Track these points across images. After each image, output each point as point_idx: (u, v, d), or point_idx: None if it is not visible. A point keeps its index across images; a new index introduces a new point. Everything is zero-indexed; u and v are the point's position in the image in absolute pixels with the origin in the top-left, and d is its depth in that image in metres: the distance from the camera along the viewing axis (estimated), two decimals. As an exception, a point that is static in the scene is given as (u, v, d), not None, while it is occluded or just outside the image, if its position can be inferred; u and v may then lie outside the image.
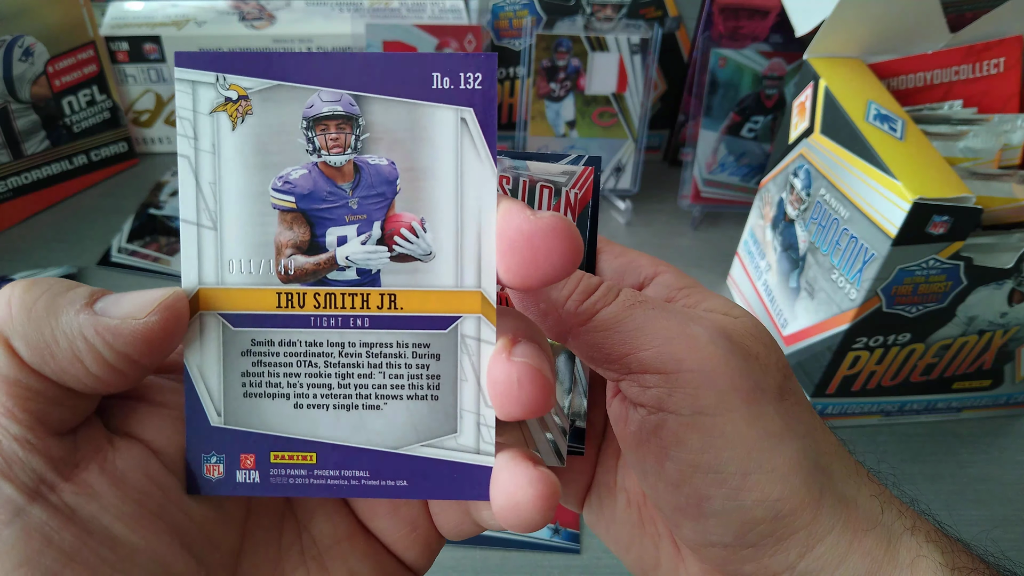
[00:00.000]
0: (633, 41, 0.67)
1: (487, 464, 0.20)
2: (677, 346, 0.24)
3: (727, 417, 0.24)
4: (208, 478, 0.20)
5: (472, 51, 0.70)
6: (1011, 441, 0.55)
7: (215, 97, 0.20)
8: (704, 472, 0.24)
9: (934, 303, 0.46)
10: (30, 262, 0.62)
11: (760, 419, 0.24)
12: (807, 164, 0.50)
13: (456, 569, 0.45)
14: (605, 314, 0.25)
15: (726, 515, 0.24)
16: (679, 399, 0.24)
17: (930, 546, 0.24)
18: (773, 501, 0.24)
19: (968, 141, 0.48)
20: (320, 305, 0.20)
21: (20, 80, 0.63)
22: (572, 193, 0.28)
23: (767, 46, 0.66)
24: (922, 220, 0.41)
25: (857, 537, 0.24)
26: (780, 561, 0.24)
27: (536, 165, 0.28)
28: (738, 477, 0.24)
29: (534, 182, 0.28)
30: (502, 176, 0.27)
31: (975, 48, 0.50)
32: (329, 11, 0.74)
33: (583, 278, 0.26)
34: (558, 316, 0.26)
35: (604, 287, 0.26)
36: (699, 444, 0.24)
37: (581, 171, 0.28)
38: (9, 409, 0.18)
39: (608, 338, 0.25)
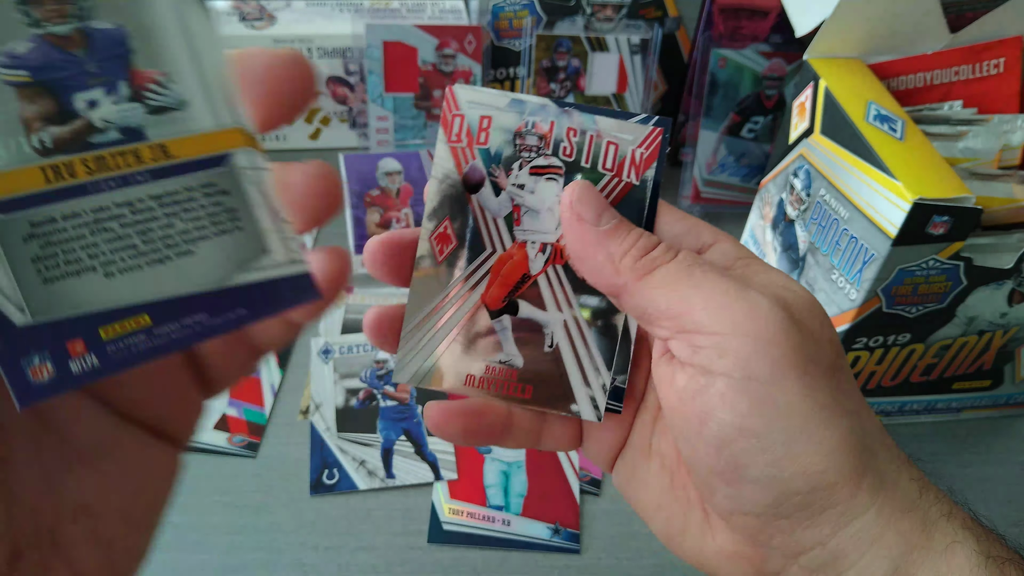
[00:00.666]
0: (633, 41, 0.67)
1: (303, 271, 0.21)
2: (735, 310, 0.24)
3: (779, 386, 0.23)
4: (39, 383, 0.18)
5: (472, 51, 0.70)
6: (1011, 441, 0.55)
7: None
8: (748, 437, 0.24)
9: (934, 303, 0.46)
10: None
11: (812, 392, 0.24)
12: (807, 164, 0.50)
13: (455, 569, 0.45)
14: (663, 271, 0.25)
15: (764, 483, 0.24)
16: (730, 362, 0.24)
17: (966, 533, 0.24)
18: (814, 474, 0.24)
19: (968, 141, 0.48)
20: (93, 170, 0.20)
21: (20, 80, 0.63)
22: (638, 152, 0.28)
23: (767, 46, 0.66)
24: (922, 220, 0.41)
25: (894, 518, 0.24)
26: (812, 535, 0.24)
27: (604, 121, 0.28)
28: (782, 446, 0.24)
29: (601, 138, 0.28)
30: (570, 128, 0.28)
31: (975, 48, 0.50)
32: (329, 11, 0.74)
33: (643, 235, 0.26)
34: (615, 269, 0.26)
35: (663, 246, 0.26)
36: (747, 409, 0.24)
37: (649, 131, 0.28)
38: None
39: (664, 296, 0.25)
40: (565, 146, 0.28)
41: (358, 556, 0.45)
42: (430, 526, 0.47)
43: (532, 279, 0.29)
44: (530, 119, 0.28)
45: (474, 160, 0.28)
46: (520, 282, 0.29)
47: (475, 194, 0.29)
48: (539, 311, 0.29)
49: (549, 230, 0.29)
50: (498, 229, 0.29)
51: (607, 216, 0.27)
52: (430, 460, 0.51)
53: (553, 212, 0.29)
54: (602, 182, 0.28)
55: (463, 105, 0.28)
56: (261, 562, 0.45)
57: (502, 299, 0.29)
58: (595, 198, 0.27)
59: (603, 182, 0.28)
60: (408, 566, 0.45)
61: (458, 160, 0.28)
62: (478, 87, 0.28)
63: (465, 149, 0.28)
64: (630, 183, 0.28)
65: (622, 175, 0.28)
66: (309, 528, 0.46)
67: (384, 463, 0.51)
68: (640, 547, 0.46)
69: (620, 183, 0.28)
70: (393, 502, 0.48)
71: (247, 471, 0.49)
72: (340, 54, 0.72)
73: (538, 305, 0.29)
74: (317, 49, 0.72)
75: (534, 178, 0.28)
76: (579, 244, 0.27)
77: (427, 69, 0.70)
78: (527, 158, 0.28)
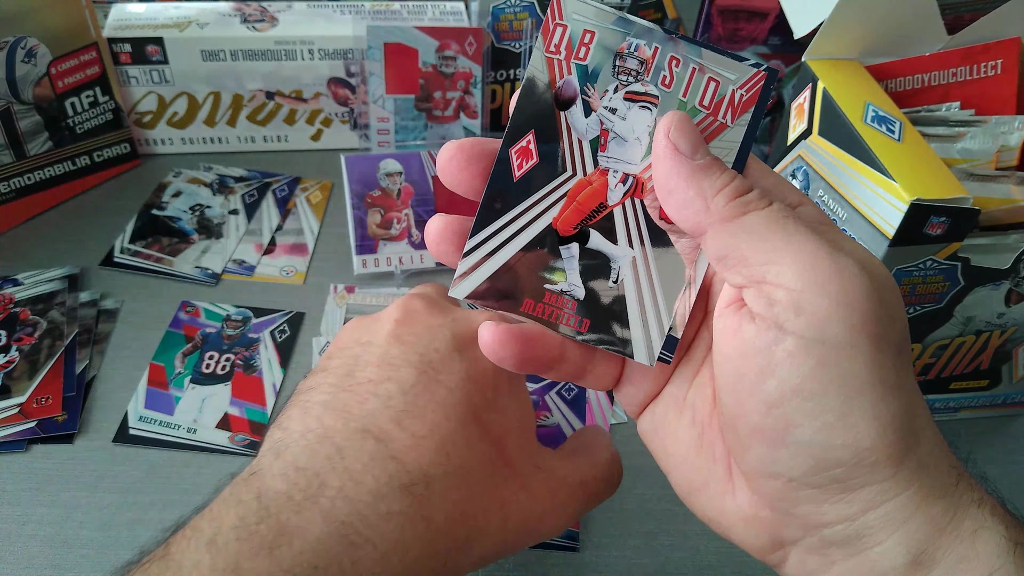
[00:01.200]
0: (633, 43, 0.67)
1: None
2: (822, 269, 0.23)
3: (850, 353, 0.23)
4: None
5: (472, 53, 0.70)
6: (1009, 441, 0.55)
7: None
8: (804, 399, 0.23)
9: (931, 303, 0.46)
10: (32, 262, 0.62)
11: (880, 365, 0.23)
12: (805, 165, 0.50)
13: (456, 568, 0.45)
14: (755, 217, 0.25)
15: (807, 448, 0.24)
16: (806, 321, 0.23)
17: (995, 519, 0.24)
18: (861, 448, 0.23)
19: (966, 142, 0.48)
20: None
21: (23, 81, 0.63)
22: (738, 93, 0.27)
23: (765, 48, 0.67)
24: (920, 221, 0.41)
25: (927, 503, 0.24)
26: (840, 510, 0.24)
27: (710, 56, 0.27)
28: (837, 414, 0.23)
29: (703, 73, 0.27)
30: (673, 57, 0.27)
31: (973, 50, 0.51)
32: (331, 13, 0.74)
33: (737, 176, 0.26)
34: (705, 206, 0.25)
35: (757, 191, 0.25)
36: (811, 370, 0.23)
37: (752, 73, 0.27)
38: None
39: (751, 242, 0.24)
40: (665, 75, 0.27)
41: (359, 554, 0.45)
42: (430, 525, 0.47)
43: (608, 209, 0.28)
44: (634, 41, 0.27)
45: (569, 75, 0.27)
46: (595, 211, 0.28)
47: (565, 111, 0.27)
48: (609, 244, 0.28)
49: (634, 160, 0.27)
50: (582, 152, 0.27)
51: (703, 151, 0.26)
52: None
53: (641, 142, 0.27)
54: (697, 119, 0.27)
55: (568, 15, 0.27)
56: (262, 560, 0.45)
57: (574, 226, 0.28)
58: (693, 131, 0.26)
59: (698, 119, 0.27)
60: (408, 564, 0.45)
61: (552, 72, 0.27)
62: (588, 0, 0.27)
63: (562, 62, 0.27)
64: (724, 124, 0.27)
65: (718, 115, 0.27)
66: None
67: None
68: (639, 545, 0.47)
69: (715, 122, 0.27)
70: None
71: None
72: (341, 56, 0.72)
73: (610, 238, 0.28)
74: (318, 51, 0.72)
75: (628, 104, 0.27)
76: (671, 175, 0.26)
77: (428, 71, 0.70)
78: (624, 82, 0.27)
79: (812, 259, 0.24)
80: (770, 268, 0.24)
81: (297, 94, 0.74)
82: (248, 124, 0.75)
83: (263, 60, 0.72)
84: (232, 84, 0.73)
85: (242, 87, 0.73)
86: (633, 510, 0.49)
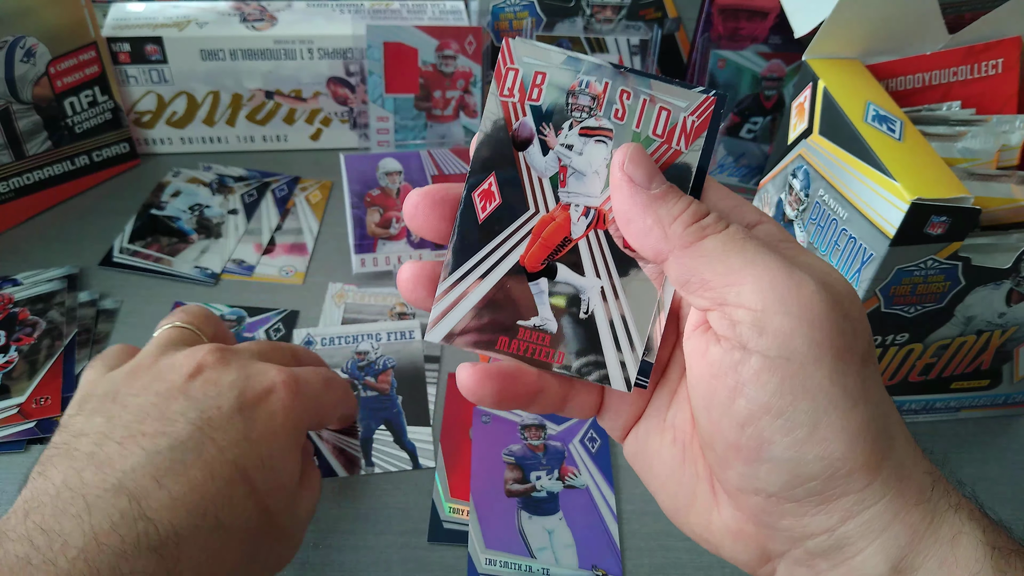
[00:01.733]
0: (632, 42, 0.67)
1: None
2: (782, 287, 0.24)
3: (813, 368, 0.24)
4: None
5: (472, 52, 0.70)
6: (1009, 441, 0.55)
7: None
8: (774, 416, 0.24)
9: (932, 303, 0.46)
10: (32, 262, 0.62)
11: (844, 377, 0.24)
12: (806, 165, 0.50)
13: (456, 568, 0.45)
14: (713, 241, 0.25)
15: (782, 464, 0.24)
16: (769, 340, 0.24)
17: (972, 524, 0.24)
18: (834, 459, 0.24)
19: (966, 142, 0.48)
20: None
21: (22, 81, 0.63)
22: (690, 120, 0.28)
23: (766, 47, 0.67)
24: (920, 221, 0.41)
25: (904, 510, 0.24)
26: (820, 522, 0.25)
27: (659, 86, 0.27)
28: (807, 428, 0.24)
29: (654, 103, 0.27)
30: (623, 90, 0.27)
31: (974, 49, 0.51)
32: (330, 12, 0.74)
33: (693, 202, 0.26)
34: (664, 234, 0.26)
35: (714, 215, 0.26)
36: (777, 388, 0.24)
37: (702, 99, 0.27)
38: None
39: (710, 265, 0.25)
40: (617, 108, 0.28)
41: (358, 554, 0.45)
42: (430, 525, 0.47)
43: (573, 243, 0.29)
44: (584, 78, 0.27)
45: (524, 116, 0.28)
46: (561, 245, 0.29)
47: (523, 151, 0.28)
48: (577, 276, 0.29)
49: (594, 194, 0.28)
50: (543, 189, 0.28)
51: (658, 180, 0.27)
52: (409, 449, 0.51)
53: (599, 175, 0.28)
54: (651, 148, 0.28)
55: (518, 59, 0.28)
56: (262, 561, 0.45)
57: (541, 261, 0.29)
58: (647, 161, 0.27)
59: (652, 148, 0.28)
60: (408, 565, 0.45)
61: (508, 115, 0.28)
62: (534, 42, 0.28)
63: (516, 104, 0.28)
64: (679, 151, 0.28)
65: (672, 142, 0.28)
66: (310, 526, 0.47)
67: (363, 451, 0.51)
68: (640, 546, 0.47)
69: (669, 150, 0.28)
70: (393, 501, 0.48)
71: (248, 470, 0.50)
72: (341, 55, 0.72)
73: (577, 270, 0.29)
74: (318, 50, 0.72)
75: (583, 139, 0.28)
76: (629, 206, 0.26)
77: (427, 70, 0.70)
78: (578, 118, 0.28)
79: (771, 278, 0.24)
80: (731, 290, 0.25)
81: (296, 93, 0.74)
82: (247, 124, 0.75)
83: (262, 59, 0.71)
84: (231, 83, 0.73)
85: (241, 86, 0.73)
86: (635, 511, 0.48)
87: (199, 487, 0.33)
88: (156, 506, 0.31)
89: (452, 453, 0.51)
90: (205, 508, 0.33)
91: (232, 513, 0.34)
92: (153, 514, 0.31)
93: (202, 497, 0.33)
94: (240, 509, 0.34)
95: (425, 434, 0.52)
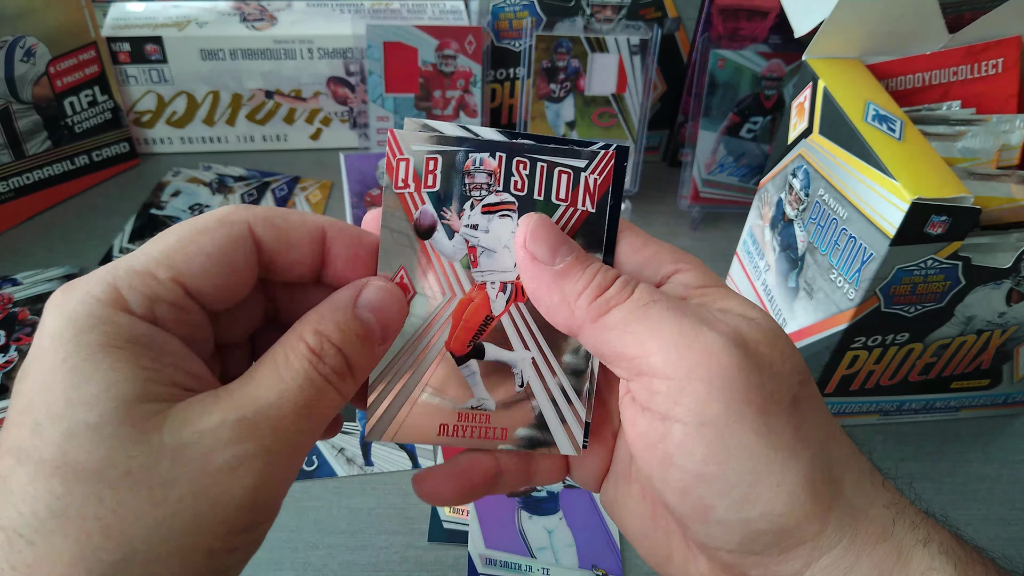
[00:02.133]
0: (633, 42, 0.67)
1: None
2: (688, 352, 0.23)
3: (734, 429, 0.23)
4: None
5: (472, 52, 0.70)
6: (1009, 440, 0.55)
7: None
8: (708, 482, 0.24)
9: (932, 303, 0.46)
10: (32, 262, 0.62)
11: (770, 432, 0.23)
12: (806, 164, 0.50)
13: (456, 568, 0.45)
14: (617, 313, 0.25)
15: (731, 524, 0.24)
16: (686, 408, 0.23)
17: (943, 558, 0.24)
18: (777, 516, 0.23)
19: (966, 141, 0.48)
20: None
21: (22, 81, 0.63)
22: (591, 179, 0.27)
23: (766, 47, 0.67)
24: (920, 220, 0.41)
25: (866, 549, 0.24)
26: (786, 569, 0.24)
27: (553, 149, 0.27)
28: (742, 489, 0.23)
29: (552, 167, 0.27)
30: (519, 161, 0.27)
31: (974, 49, 0.51)
32: (330, 12, 0.74)
33: (598, 272, 0.26)
34: (570, 311, 0.25)
35: (619, 283, 0.25)
36: (704, 455, 0.23)
37: (600, 155, 0.27)
38: None
39: (619, 338, 0.25)
40: (516, 180, 0.27)
41: (358, 554, 0.45)
42: (430, 525, 0.47)
43: (495, 320, 0.28)
44: (477, 156, 0.27)
45: (424, 205, 0.27)
46: (483, 325, 0.28)
47: (428, 239, 0.28)
48: (506, 352, 0.29)
49: (508, 268, 0.28)
50: (455, 273, 0.28)
51: (563, 252, 0.26)
52: (408, 448, 0.51)
53: (510, 250, 0.28)
54: (557, 213, 0.27)
55: (406, 149, 0.27)
56: (261, 561, 0.45)
57: (467, 344, 0.29)
58: (549, 233, 0.26)
59: (558, 213, 0.27)
60: (408, 564, 0.45)
61: (407, 206, 0.27)
62: (422, 123, 0.27)
63: (413, 194, 0.27)
64: (586, 211, 0.27)
65: (577, 204, 0.27)
66: (310, 526, 0.47)
67: (363, 451, 0.51)
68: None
69: (576, 212, 0.27)
70: (393, 500, 0.48)
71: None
72: (341, 55, 0.72)
73: (504, 346, 0.29)
74: (318, 50, 0.72)
75: (487, 217, 0.27)
76: (534, 285, 0.26)
77: (427, 70, 0.70)
78: (478, 196, 0.27)
79: (677, 344, 0.24)
80: (643, 360, 0.24)
81: (296, 93, 0.74)
82: (247, 123, 0.75)
83: (262, 59, 0.71)
84: (231, 83, 0.73)
85: (241, 86, 0.73)
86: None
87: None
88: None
89: (452, 453, 0.51)
90: None
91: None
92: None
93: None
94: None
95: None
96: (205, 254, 0.24)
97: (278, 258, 0.26)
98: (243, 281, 0.25)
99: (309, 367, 0.24)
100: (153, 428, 0.21)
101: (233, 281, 0.25)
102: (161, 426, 0.21)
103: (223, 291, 0.25)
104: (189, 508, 0.21)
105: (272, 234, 0.26)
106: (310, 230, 0.27)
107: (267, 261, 0.26)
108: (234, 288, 0.25)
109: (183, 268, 0.24)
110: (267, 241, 0.26)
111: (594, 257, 0.27)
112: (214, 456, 0.21)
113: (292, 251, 0.26)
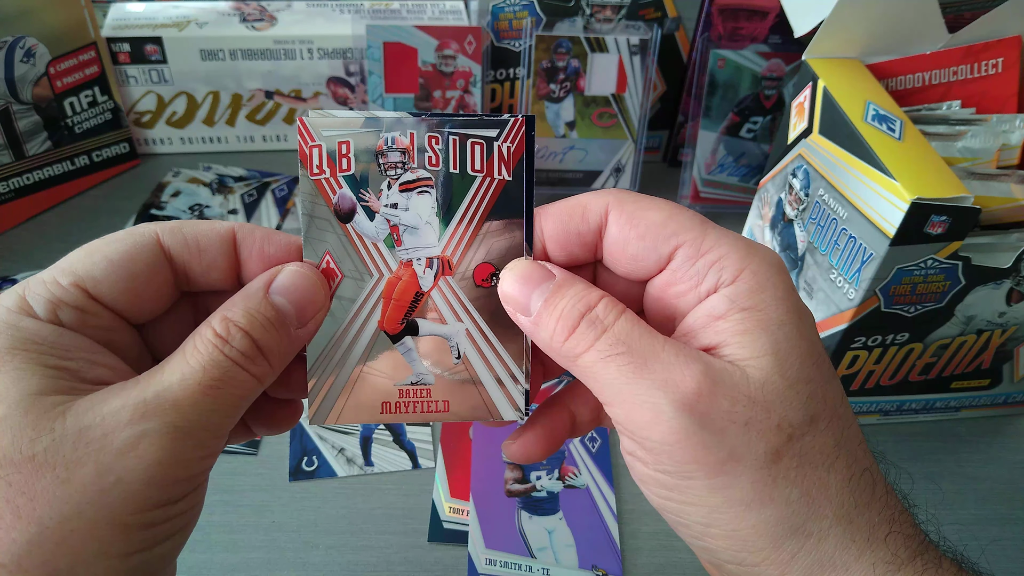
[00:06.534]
0: (632, 42, 0.67)
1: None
2: (641, 414, 0.25)
3: (687, 483, 0.25)
4: None
5: (472, 52, 0.70)
6: (1009, 440, 0.55)
7: None
8: (670, 514, 0.26)
9: (932, 303, 0.46)
10: (32, 262, 0.62)
11: (726, 488, 0.24)
12: (806, 164, 0.50)
13: (456, 568, 0.45)
14: (583, 362, 0.26)
15: (696, 548, 0.27)
16: (646, 455, 0.25)
17: None
18: (734, 552, 0.25)
19: (966, 141, 0.48)
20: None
21: (22, 81, 0.63)
22: (504, 147, 0.28)
23: (766, 47, 0.67)
24: (920, 220, 0.41)
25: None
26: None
27: (463, 121, 0.28)
28: (700, 527, 0.25)
29: (464, 139, 0.28)
30: (430, 136, 0.28)
31: (973, 49, 0.51)
32: (330, 12, 0.74)
33: (560, 319, 0.26)
34: (556, 354, 0.27)
35: (586, 323, 0.26)
36: (665, 495, 0.26)
37: (511, 123, 0.28)
38: None
39: (589, 382, 0.26)
40: (429, 155, 0.28)
41: (358, 555, 0.45)
42: (430, 525, 0.47)
43: (426, 295, 0.29)
44: (388, 135, 0.27)
45: (341, 189, 0.28)
46: (414, 301, 0.29)
47: (349, 223, 0.28)
48: (439, 325, 0.29)
49: (432, 243, 0.28)
50: (380, 253, 0.28)
51: (536, 297, 0.27)
52: (408, 448, 0.51)
53: (432, 225, 0.28)
54: (474, 185, 0.28)
55: (317, 135, 0.27)
56: (262, 561, 0.45)
57: (399, 322, 0.29)
58: (518, 289, 0.27)
59: (475, 184, 0.28)
60: (408, 565, 0.45)
61: (324, 192, 0.28)
62: (329, 111, 0.27)
63: (329, 179, 0.28)
64: (504, 179, 0.28)
65: (493, 173, 0.28)
66: (310, 527, 0.47)
67: (363, 451, 0.51)
68: (640, 547, 0.47)
69: (493, 182, 0.28)
70: (393, 501, 0.48)
71: (248, 469, 0.50)
72: (340, 55, 0.72)
73: (437, 320, 0.29)
74: (318, 50, 0.72)
75: (405, 195, 0.28)
76: (527, 330, 0.28)
77: (427, 70, 0.70)
78: (394, 176, 0.28)
79: (631, 403, 0.25)
80: (609, 408, 0.26)
81: (296, 93, 0.74)
82: (247, 123, 0.75)
83: (262, 59, 0.71)
84: (231, 83, 0.73)
85: (241, 86, 0.73)
86: (635, 511, 0.48)
87: None
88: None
89: (452, 453, 0.51)
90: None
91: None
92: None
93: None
94: None
95: (424, 434, 0.52)
96: (107, 260, 0.26)
97: (192, 265, 0.27)
98: (154, 288, 0.27)
99: (214, 349, 0.25)
100: (57, 416, 0.23)
101: (140, 285, 0.26)
102: (65, 414, 0.23)
103: (133, 295, 0.26)
104: (93, 484, 0.22)
105: (179, 241, 0.27)
106: (219, 233, 0.28)
107: (182, 270, 0.28)
108: (144, 293, 0.27)
109: (83, 273, 0.26)
110: (176, 249, 0.27)
111: (565, 291, 0.27)
112: (115, 435, 0.23)
113: (203, 256, 0.27)
